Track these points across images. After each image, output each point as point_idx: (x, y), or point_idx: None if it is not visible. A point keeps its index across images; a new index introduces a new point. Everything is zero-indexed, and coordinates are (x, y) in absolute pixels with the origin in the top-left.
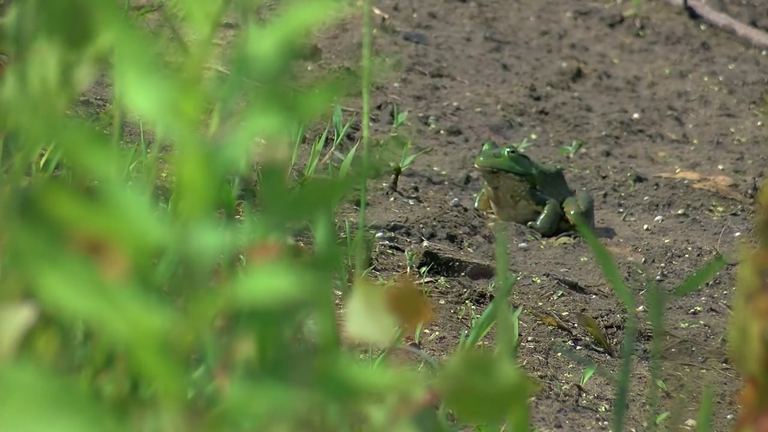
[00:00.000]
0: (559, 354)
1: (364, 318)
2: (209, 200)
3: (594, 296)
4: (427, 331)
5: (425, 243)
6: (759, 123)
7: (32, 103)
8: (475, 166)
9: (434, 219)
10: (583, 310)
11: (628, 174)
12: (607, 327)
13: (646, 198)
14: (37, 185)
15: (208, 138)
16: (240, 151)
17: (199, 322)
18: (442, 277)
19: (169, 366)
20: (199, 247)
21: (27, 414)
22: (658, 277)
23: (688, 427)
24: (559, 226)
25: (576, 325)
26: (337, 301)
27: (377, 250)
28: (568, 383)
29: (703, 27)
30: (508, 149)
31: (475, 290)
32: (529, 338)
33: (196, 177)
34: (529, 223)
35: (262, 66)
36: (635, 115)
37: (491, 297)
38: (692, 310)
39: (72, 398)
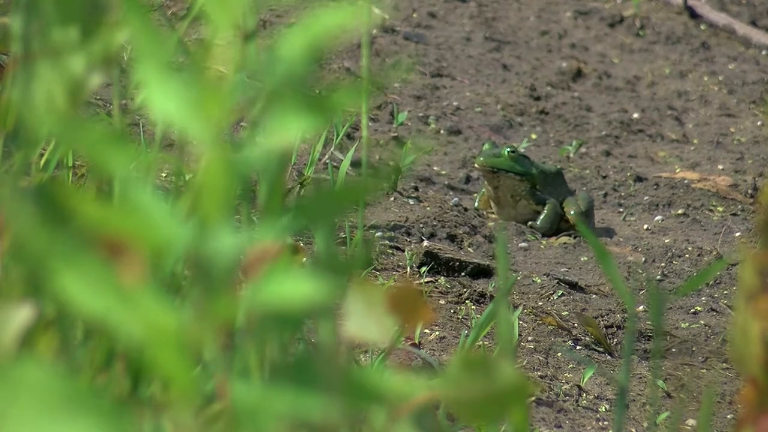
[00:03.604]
0: (559, 354)
1: (363, 318)
2: (229, 202)
3: (594, 296)
4: (427, 331)
5: (425, 243)
6: (759, 123)
7: (46, 103)
8: (475, 165)
9: (434, 219)
10: (583, 310)
11: (628, 174)
12: (607, 327)
13: (646, 198)
14: (52, 185)
15: (229, 140)
16: (261, 153)
17: (215, 323)
18: (442, 277)
19: (184, 367)
20: (218, 248)
21: (35, 413)
22: (658, 277)
23: (689, 427)
24: (559, 225)
25: (576, 325)
26: (336, 302)
27: (377, 250)
28: (568, 383)
29: (703, 27)
30: (508, 149)
31: (475, 290)
32: (529, 338)
33: (217, 179)
34: (529, 222)
35: (285, 69)
36: (635, 115)
37: (491, 297)
38: (693, 310)
39: (80, 398)
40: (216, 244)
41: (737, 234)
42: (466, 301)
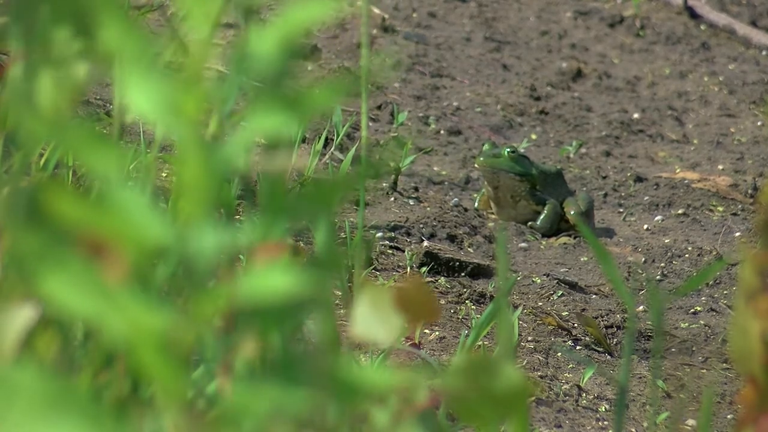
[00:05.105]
0: (559, 354)
1: (370, 318)
2: (210, 200)
3: (594, 296)
4: (427, 331)
5: (425, 243)
6: (759, 123)
7: (40, 103)
8: (475, 166)
9: (434, 219)
10: (583, 310)
11: (628, 174)
12: (607, 327)
13: (646, 198)
14: (39, 186)
15: (208, 138)
16: (240, 151)
17: (200, 322)
18: (442, 278)
19: (169, 366)
20: (200, 247)
21: (31, 416)
22: (658, 277)
23: (689, 427)
24: (559, 226)
25: (576, 325)
26: (336, 302)
27: (377, 250)
28: (568, 383)
29: (703, 27)
30: (508, 149)
31: (475, 290)
32: (529, 338)
33: (196, 177)
34: (529, 223)
35: (264, 66)
36: (635, 115)
37: (491, 297)
38: (692, 310)
39: (75, 399)
40: (198, 243)
41: (737, 234)
42: (466, 301)
